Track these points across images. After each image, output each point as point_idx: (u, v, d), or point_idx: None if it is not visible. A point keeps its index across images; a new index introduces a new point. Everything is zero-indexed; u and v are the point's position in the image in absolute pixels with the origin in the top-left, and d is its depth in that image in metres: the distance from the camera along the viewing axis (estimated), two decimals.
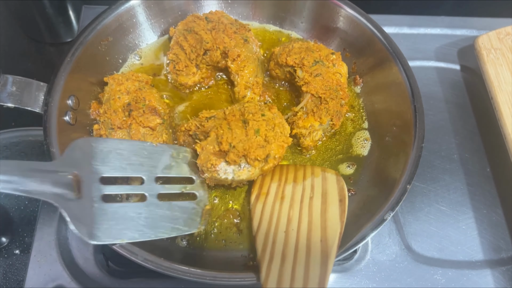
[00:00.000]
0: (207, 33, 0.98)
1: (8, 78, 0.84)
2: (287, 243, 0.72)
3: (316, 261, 0.68)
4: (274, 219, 0.77)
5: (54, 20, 1.23)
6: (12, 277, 0.93)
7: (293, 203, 0.80)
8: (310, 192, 0.82)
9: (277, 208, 0.79)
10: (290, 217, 0.77)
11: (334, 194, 0.81)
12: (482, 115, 1.17)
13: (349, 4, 1.05)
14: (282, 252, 0.70)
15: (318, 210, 0.78)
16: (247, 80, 0.99)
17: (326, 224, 0.74)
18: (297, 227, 0.74)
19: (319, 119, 0.94)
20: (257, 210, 0.80)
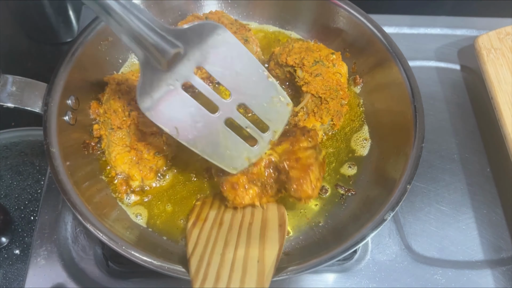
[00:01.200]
0: None
1: (8, 78, 0.84)
2: (222, 264, 0.70)
3: (252, 281, 0.66)
4: (210, 242, 0.75)
5: (54, 20, 1.23)
6: (12, 277, 0.93)
7: (231, 228, 0.78)
8: (250, 219, 0.80)
9: (215, 233, 0.77)
10: (228, 240, 0.75)
11: (274, 220, 0.79)
12: (482, 115, 1.17)
13: (349, 4, 1.05)
14: (217, 273, 0.68)
15: (257, 234, 0.76)
16: None
17: (264, 246, 0.72)
18: (234, 249, 0.72)
19: (320, 119, 0.94)
20: (193, 235, 0.78)
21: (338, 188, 0.95)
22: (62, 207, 0.94)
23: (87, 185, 0.85)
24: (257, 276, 0.66)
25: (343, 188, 0.95)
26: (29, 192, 1.02)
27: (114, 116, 0.87)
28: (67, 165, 0.82)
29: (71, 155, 0.86)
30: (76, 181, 0.82)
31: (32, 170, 1.04)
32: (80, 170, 0.86)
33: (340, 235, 0.84)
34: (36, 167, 1.05)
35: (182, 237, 0.87)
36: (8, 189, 1.01)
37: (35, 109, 0.85)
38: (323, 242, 0.87)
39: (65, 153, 0.84)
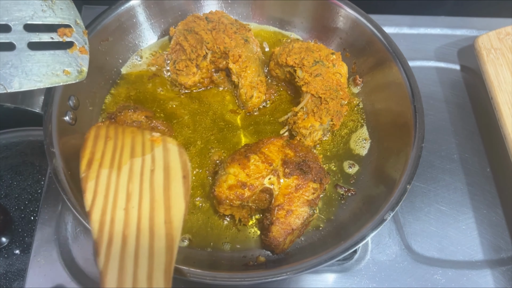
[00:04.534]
0: (207, 33, 0.98)
1: None
2: (127, 223, 0.64)
3: (161, 246, 0.62)
4: (111, 193, 0.67)
5: None
6: (12, 277, 0.93)
7: (132, 176, 0.70)
8: (151, 164, 0.73)
9: (114, 180, 0.69)
10: (130, 192, 0.68)
11: (177, 169, 0.72)
12: (482, 115, 1.17)
13: (349, 4, 1.05)
14: (123, 233, 0.62)
15: (160, 186, 0.69)
16: (251, 80, 1.00)
17: (170, 203, 0.67)
18: (138, 204, 0.66)
19: (320, 119, 0.94)
20: (89, 180, 0.69)
21: (338, 188, 0.95)
22: (62, 207, 0.94)
23: None
24: (166, 240, 0.63)
25: (343, 188, 0.95)
26: (29, 192, 1.02)
27: None
28: (67, 165, 0.82)
29: (71, 155, 0.86)
30: (76, 181, 0.82)
31: (32, 170, 1.04)
32: None
33: (340, 235, 0.84)
34: (36, 167, 1.05)
35: (182, 237, 0.87)
36: (8, 189, 1.01)
37: (35, 109, 0.85)
38: (323, 242, 0.87)
39: (65, 153, 0.84)
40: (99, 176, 0.69)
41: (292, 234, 0.83)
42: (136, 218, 0.65)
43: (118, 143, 0.77)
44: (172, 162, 0.73)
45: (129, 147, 0.76)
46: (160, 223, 0.64)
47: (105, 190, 0.68)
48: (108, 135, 0.78)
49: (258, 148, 0.87)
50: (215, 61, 1.00)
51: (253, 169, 0.85)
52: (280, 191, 0.84)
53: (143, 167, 0.72)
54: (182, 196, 0.68)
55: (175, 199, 0.68)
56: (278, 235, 0.82)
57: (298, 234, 0.86)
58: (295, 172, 0.85)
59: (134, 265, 0.59)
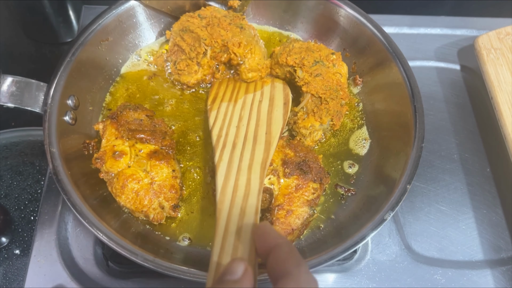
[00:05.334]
0: (202, 30, 0.97)
1: (8, 78, 0.84)
2: (237, 135, 0.85)
3: (261, 148, 0.82)
4: (228, 117, 0.90)
5: (54, 20, 1.23)
6: (12, 277, 0.93)
7: (244, 105, 0.93)
8: (260, 97, 0.95)
9: (231, 109, 0.92)
10: (242, 115, 0.90)
11: (280, 98, 0.94)
12: (482, 115, 1.17)
13: (349, 4, 1.05)
14: (233, 142, 0.84)
15: (265, 110, 0.91)
16: (258, 62, 1.00)
17: (271, 121, 0.88)
18: (247, 123, 0.88)
19: (320, 119, 0.94)
20: (213, 110, 0.93)
21: (338, 188, 0.95)
22: (62, 207, 0.94)
23: (87, 185, 0.85)
24: (265, 144, 0.83)
25: (343, 188, 0.95)
26: (29, 192, 1.02)
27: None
28: (67, 165, 0.82)
29: (71, 155, 0.87)
30: (76, 181, 0.82)
31: (32, 170, 1.04)
32: (80, 170, 0.87)
33: (340, 235, 0.84)
34: (36, 167, 1.05)
35: (183, 236, 0.87)
36: (8, 189, 1.01)
37: (35, 109, 0.85)
38: (323, 242, 0.87)
39: (65, 153, 0.84)
40: (220, 107, 0.93)
41: (292, 234, 0.83)
42: (245, 131, 0.86)
43: (237, 84, 1.01)
44: (276, 94, 0.96)
45: (244, 87, 0.99)
46: (262, 134, 0.86)
47: (223, 115, 0.91)
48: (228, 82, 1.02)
49: None
50: (215, 56, 1.00)
51: None
52: (280, 191, 0.84)
53: (253, 100, 0.95)
54: (281, 116, 0.90)
55: (276, 117, 0.90)
56: None
57: (298, 234, 0.86)
58: (295, 172, 0.85)
59: (239, 160, 0.79)
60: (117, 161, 0.84)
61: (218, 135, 0.86)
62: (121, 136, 0.87)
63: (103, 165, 0.85)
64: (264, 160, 0.80)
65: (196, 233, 0.88)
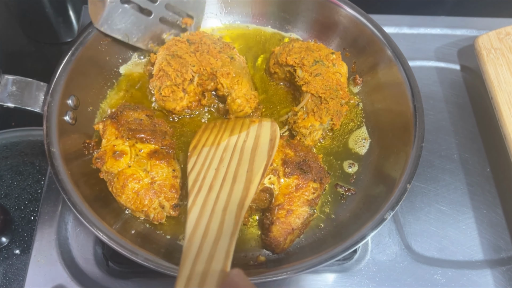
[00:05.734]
0: (191, 56, 0.94)
1: (8, 78, 0.84)
2: (216, 177, 0.78)
3: (240, 187, 0.75)
4: (208, 160, 0.84)
5: (54, 20, 1.23)
6: (12, 277, 0.93)
7: (227, 147, 0.86)
8: (244, 137, 0.88)
9: (212, 152, 0.86)
10: (223, 157, 0.83)
11: (266, 135, 0.87)
12: (482, 115, 1.17)
13: (349, 4, 1.05)
14: (210, 184, 0.77)
15: (249, 149, 0.84)
16: (245, 92, 0.96)
17: (254, 158, 0.81)
18: (227, 164, 0.81)
19: (320, 119, 0.94)
20: (193, 156, 0.86)
21: (338, 188, 0.95)
22: (62, 207, 0.94)
23: (87, 184, 0.85)
24: (245, 183, 0.75)
25: (343, 187, 0.95)
26: (29, 192, 1.02)
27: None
28: (67, 165, 0.82)
29: (71, 154, 0.86)
30: (76, 181, 0.82)
31: (32, 170, 1.04)
32: (80, 170, 0.87)
33: (340, 235, 0.84)
34: (36, 167, 1.05)
35: (183, 236, 0.87)
36: (8, 189, 1.01)
37: (35, 109, 0.85)
38: (323, 241, 0.87)
39: (65, 153, 0.84)
40: (201, 152, 0.86)
41: (293, 234, 0.83)
42: (224, 172, 0.79)
43: (222, 126, 0.94)
44: (263, 132, 0.89)
45: (230, 129, 0.92)
46: (243, 172, 0.78)
47: (203, 159, 0.84)
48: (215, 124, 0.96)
49: None
50: (202, 84, 0.97)
51: None
52: (280, 191, 0.84)
53: (237, 140, 0.88)
54: (266, 151, 0.83)
55: (260, 154, 0.82)
56: (278, 235, 0.82)
57: (298, 234, 0.86)
58: (295, 172, 0.85)
59: (214, 203, 0.72)
60: (117, 161, 0.84)
61: (195, 180, 0.79)
62: (121, 136, 0.87)
63: (103, 165, 0.85)
64: (242, 200, 0.72)
65: None
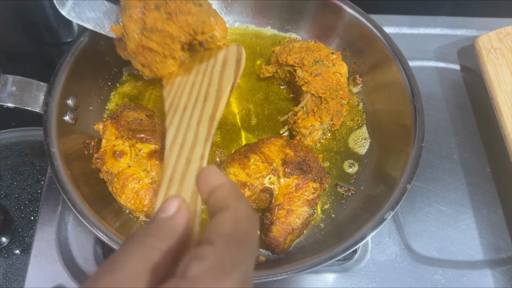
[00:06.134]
0: (170, 25, 0.86)
1: (8, 78, 0.84)
2: (189, 98, 0.81)
3: (211, 104, 0.78)
4: (181, 87, 0.86)
5: (54, 20, 1.23)
6: (12, 277, 0.93)
7: (198, 73, 0.88)
8: (213, 63, 0.89)
9: (184, 80, 0.87)
10: (194, 82, 0.85)
11: (233, 58, 0.88)
12: (482, 115, 1.17)
13: (349, 4, 1.05)
14: (184, 106, 0.80)
15: (218, 71, 0.86)
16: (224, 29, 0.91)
17: (223, 78, 0.84)
18: (199, 87, 0.83)
19: (320, 119, 0.94)
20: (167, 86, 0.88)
21: (338, 188, 0.95)
22: (62, 207, 0.94)
23: (87, 184, 0.85)
24: (215, 100, 0.79)
25: (343, 187, 0.95)
26: (29, 192, 1.01)
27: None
28: (67, 165, 0.82)
29: (71, 155, 0.86)
30: (76, 181, 0.82)
31: (32, 170, 1.04)
32: (80, 170, 0.86)
33: (340, 235, 0.84)
34: (36, 167, 1.05)
35: None
36: (8, 189, 1.01)
37: (35, 109, 0.85)
38: (322, 241, 0.87)
39: (65, 153, 0.84)
40: (174, 82, 0.88)
41: (292, 234, 0.83)
42: (196, 94, 0.82)
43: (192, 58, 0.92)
44: (230, 55, 0.90)
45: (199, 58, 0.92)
46: (212, 91, 0.81)
47: (177, 86, 0.86)
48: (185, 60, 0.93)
49: (258, 148, 0.88)
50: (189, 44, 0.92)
51: (253, 168, 0.85)
52: (280, 191, 0.84)
53: (207, 66, 0.89)
54: (233, 71, 0.84)
55: (227, 74, 0.84)
56: (278, 235, 0.82)
57: (298, 234, 0.86)
58: (295, 172, 0.85)
59: (189, 119, 0.76)
60: (118, 161, 0.84)
61: (171, 104, 0.83)
62: (121, 136, 0.87)
63: (104, 165, 0.85)
64: (213, 113, 0.76)
65: None
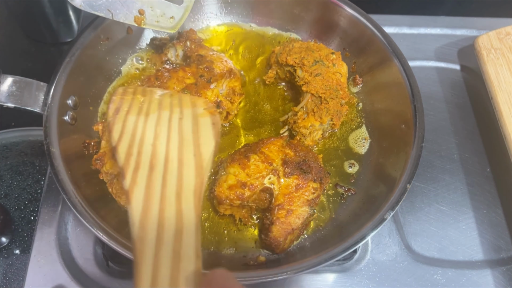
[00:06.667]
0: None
1: (8, 78, 0.84)
2: (155, 154, 0.66)
3: (190, 172, 0.64)
4: (138, 132, 0.70)
5: (54, 20, 1.23)
6: (12, 277, 0.93)
7: (159, 121, 0.72)
8: (179, 114, 0.76)
9: (141, 124, 0.72)
10: (158, 133, 0.70)
11: (206, 119, 0.75)
12: (482, 115, 1.17)
13: (349, 4, 1.05)
14: (150, 162, 0.64)
15: (189, 129, 0.72)
16: None
17: (199, 141, 0.70)
18: (166, 141, 0.68)
19: (320, 119, 0.94)
20: (117, 123, 0.72)
21: (338, 188, 0.95)
22: (62, 207, 0.94)
23: (87, 185, 0.85)
24: (195, 168, 0.65)
25: (343, 187, 0.95)
26: (29, 192, 1.01)
27: None
28: (67, 165, 0.82)
29: (71, 155, 0.86)
30: (76, 181, 0.82)
31: (32, 170, 1.04)
32: (80, 170, 0.86)
33: (340, 235, 0.84)
34: (36, 167, 1.05)
35: None
36: (8, 189, 1.01)
37: (35, 109, 0.85)
38: (323, 241, 0.87)
39: (65, 153, 0.84)
40: (126, 121, 0.72)
41: (292, 234, 0.83)
42: (164, 151, 0.67)
43: (146, 97, 0.79)
44: (200, 113, 0.76)
45: (156, 102, 0.78)
46: (189, 155, 0.67)
47: (132, 130, 0.70)
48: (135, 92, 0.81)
49: (258, 148, 0.88)
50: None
51: (253, 168, 0.85)
52: (280, 191, 0.84)
53: (171, 116, 0.74)
54: (212, 136, 0.71)
55: (204, 138, 0.70)
56: (278, 235, 0.82)
57: (298, 234, 0.86)
58: (295, 172, 0.85)
59: (162, 186, 0.61)
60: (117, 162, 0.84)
61: (128, 153, 0.66)
62: None
63: (103, 166, 0.85)
64: (198, 187, 0.62)
65: None
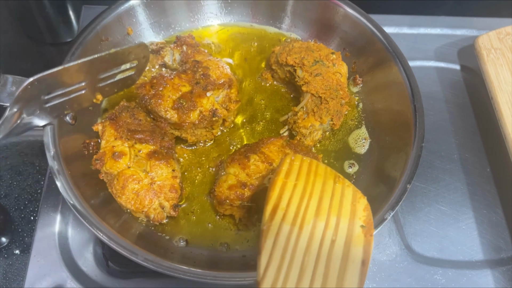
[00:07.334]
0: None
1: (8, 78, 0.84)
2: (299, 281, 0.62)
3: None
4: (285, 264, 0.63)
5: (54, 20, 1.23)
6: (12, 277, 0.93)
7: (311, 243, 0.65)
8: (333, 233, 0.68)
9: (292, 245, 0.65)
10: (304, 267, 0.63)
11: (358, 249, 0.67)
12: (482, 115, 1.17)
13: (349, 4, 1.05)
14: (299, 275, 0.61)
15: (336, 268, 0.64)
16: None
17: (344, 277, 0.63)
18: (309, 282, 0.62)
19: (320, 119, 0.94)
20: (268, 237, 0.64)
21: None
22: (62, 207, 0.94)
23: (87, 185, 0.85)
24: None
25: None
26: (29, 192, 1.01)
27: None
28: (67, 165, 0.82)
29: (72, 155, 0.86)
30: (76, 181, 0.82)
31: (32, 170, 1.04)
32: (81, 170, 0.86)
33: None
34: (36, 167, 1.05)
35: (180, 237, 0.87)
36: (8, 189, 1.01)
37: None
38: None
39: (65, 153, 0.84)
40: (279, 235, 0.65)
41: None
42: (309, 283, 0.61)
43: (308, 187, 0.72)
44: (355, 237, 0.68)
45: (317, 197, 0.71)
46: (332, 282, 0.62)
47: (280, 258, 0.63)
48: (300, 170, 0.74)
49: (258, 148, 0.88)
50: None
51: (253, 169, 0.85)
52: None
53: (324, 233, 0.67)
54: (357, 275, 0.64)
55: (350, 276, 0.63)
56: None
57: None
58: None
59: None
60: (117, 162, 0.84)
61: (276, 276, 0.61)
62: (120, 137, 0.87)
63: (103, 166, 0.85)
64: None
65: (195, 232, 0.88)
